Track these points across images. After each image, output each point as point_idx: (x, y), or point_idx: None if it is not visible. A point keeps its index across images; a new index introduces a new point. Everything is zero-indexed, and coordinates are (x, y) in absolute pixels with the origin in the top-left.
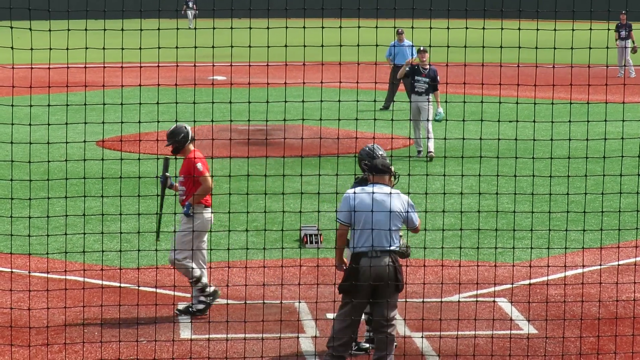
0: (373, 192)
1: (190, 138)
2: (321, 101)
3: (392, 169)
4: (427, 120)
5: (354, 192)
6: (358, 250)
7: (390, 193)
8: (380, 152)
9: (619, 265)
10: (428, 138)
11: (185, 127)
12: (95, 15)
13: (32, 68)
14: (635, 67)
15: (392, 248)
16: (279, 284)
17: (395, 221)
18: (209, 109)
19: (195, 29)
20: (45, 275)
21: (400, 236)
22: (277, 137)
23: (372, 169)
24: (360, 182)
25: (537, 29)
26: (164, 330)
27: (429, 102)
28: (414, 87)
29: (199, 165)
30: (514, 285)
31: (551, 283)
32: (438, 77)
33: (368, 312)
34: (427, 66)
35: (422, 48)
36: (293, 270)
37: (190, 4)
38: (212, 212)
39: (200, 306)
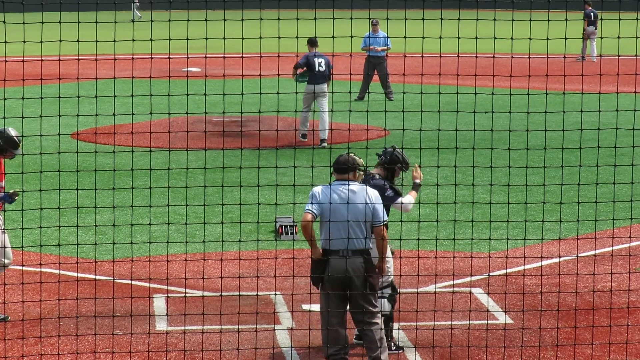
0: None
1: None
2: (296, 93)
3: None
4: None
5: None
6: (327, 249)
7: (349, 189)
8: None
9: (595, 255)
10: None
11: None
12: (69, 7)
13: (5, 61)
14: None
15: (364, 247)
16: (255, 276)
17: (361, 217)
18: (184, 101)
19: (132, 21)
20: (20, 268)
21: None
22: (252, 128)
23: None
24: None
25: (513, 20)
26: (139, 323)
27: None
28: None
29: None
30: (490, 276)
31: (527, 273)
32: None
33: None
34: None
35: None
36: (269, 262)
37: None
38: None
39: None
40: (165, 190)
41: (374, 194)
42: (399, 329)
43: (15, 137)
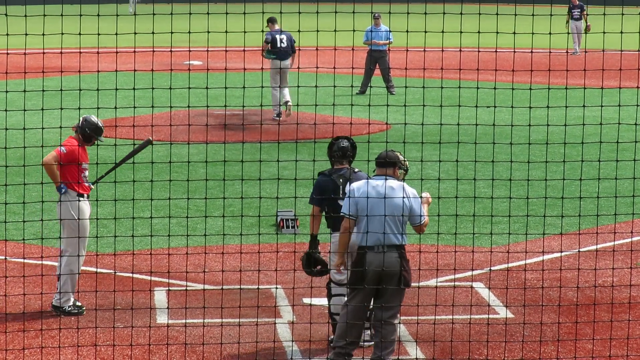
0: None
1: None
2: (297, 86)
3: (402, 160)
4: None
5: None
6: (363, 244)
7: (386, 185)
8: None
9: (596, 250)
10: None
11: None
12: None
13: (7, 53)
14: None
15: (399, 243)
16: (256, 269)
17: (398, 213)
18: (185, 94)
19: (134, 14)
20: (21, 260)
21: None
22: (253, 121)
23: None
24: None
25: (515, 14)
26: (140, 316)
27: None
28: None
29: None
30: (491, 270)
31: (528, 268)
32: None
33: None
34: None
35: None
36: (270, 256)
37: None
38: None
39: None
40: (166, 184)
41: (412, 191)
42: (400, 323)
43: (99, 124)
